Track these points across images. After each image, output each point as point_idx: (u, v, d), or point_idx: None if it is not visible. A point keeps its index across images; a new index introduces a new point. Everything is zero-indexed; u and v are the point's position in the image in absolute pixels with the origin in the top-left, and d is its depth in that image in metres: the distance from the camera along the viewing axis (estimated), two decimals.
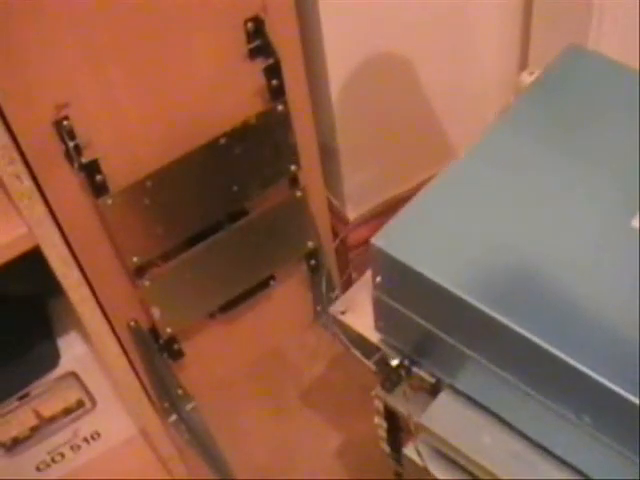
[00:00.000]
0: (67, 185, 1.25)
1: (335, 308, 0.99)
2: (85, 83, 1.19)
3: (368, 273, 0.90)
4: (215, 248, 1.45)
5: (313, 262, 1.62)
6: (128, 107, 1.23)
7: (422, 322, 0.83)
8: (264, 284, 1.59)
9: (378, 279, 0.84)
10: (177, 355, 1.58)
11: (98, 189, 1.24)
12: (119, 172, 1.26)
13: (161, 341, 1.52)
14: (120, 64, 1.19)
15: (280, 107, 1.34)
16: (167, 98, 1.26)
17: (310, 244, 1.58)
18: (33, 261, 1.08)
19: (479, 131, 0.90)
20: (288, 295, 1.68)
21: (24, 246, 1.03)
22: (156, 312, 1.46)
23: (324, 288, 1.64)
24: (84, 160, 1.21)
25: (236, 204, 1.43)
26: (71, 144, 1.19)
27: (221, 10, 1.24)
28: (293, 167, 1.44)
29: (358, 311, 0.97)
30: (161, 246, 1.38)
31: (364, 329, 0.95)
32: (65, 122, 1.18)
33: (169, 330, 1.50)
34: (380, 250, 0.80)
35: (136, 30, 1.18)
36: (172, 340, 1.54)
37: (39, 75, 1.12)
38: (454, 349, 0.82)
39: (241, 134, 1.32)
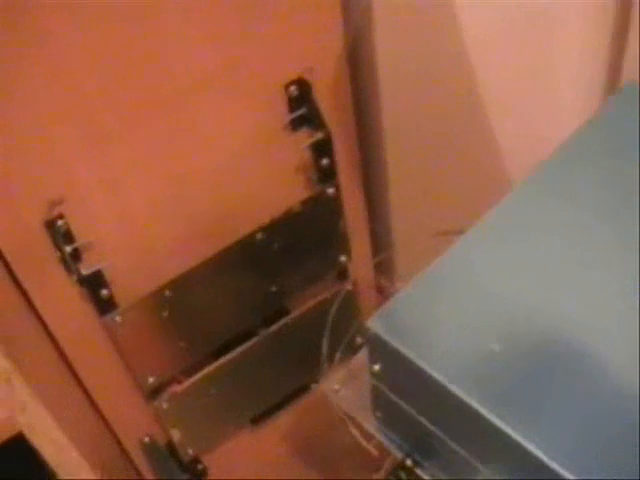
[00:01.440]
0: (64, 298, 0.98)
1: (329, 385, 0.89)
2: (83, 173, 0.92)
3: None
4: (247, 356, 1.18)
5: None
6: (138, 200, 0.97)
7: (422, 420, 0.75)
8: (305, 388, 1.32)
9: (376, 367, 0.76)
10: (201, 474, 1.31)
11: (103, 305, 0.98)
12: (129, 281, 1.00)
13: (182, 461, 1.24)
14: (126, 145, 0.93)
15: (331, 191, 1.07)
16: (187, 185, 1.00)
17: (359, 340, 1.30)
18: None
19: None
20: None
21: (4, 434, 0.76)
22: (176, 434, 1.19)
23: None
24: (85, 271, 0.93)
25: (274, 305, 1.15)
26: (68, 249, 0.92)
27: (256, 72, 0.97)
28: (343, 258, 1.17)
29: (357, 388, 0.87)
30: (182, 362, 1.11)
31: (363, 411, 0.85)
32: (59, 222, 0.91)
33: (191, 452, 1.23)
34: (375, 335, 0.72)
35: (148, 101, 0.91)
36: (195, 460, 1.27)
37: (24, 163, 0.87)
38: (458, 455, 0.73)
39: (282, 226, 1.05)
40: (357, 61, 1.09)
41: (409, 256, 1.35)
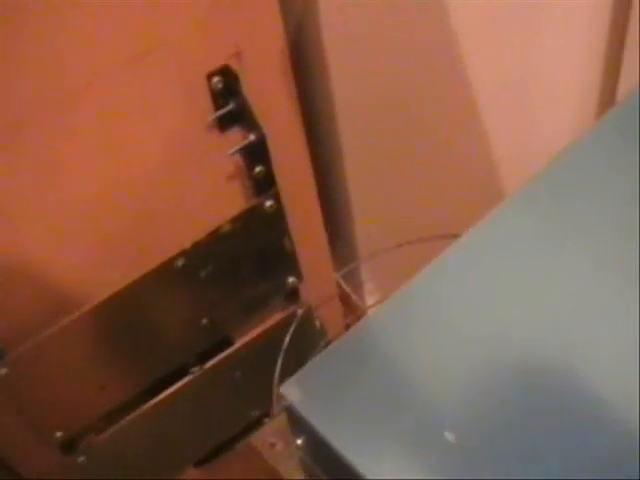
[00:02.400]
0: None
1: (264, 437, 0.71)
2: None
3: None
4: (181, 396, 0.99)
5: None
6: (31, 221, 0.77)
7: None
8: (256, 424, 1.13)
9: (298, 441, 0.64)
10: None
11: None
12: (17, 324, 0.79)
13: None
14: (16, 155, 0.73)
15: (269, 203, 0.87)
16: (93, 201, 0.80)
17: None
18: None
19: None
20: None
21: None
22: None
23: None
24: None
25: (208, 339, 0.96)
26: None
27: (170, 59, 0.76)
28: (291, 279, 0.97)
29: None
30: (96, 412, 0.92)
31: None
32: None
33: None
34: (291, 406, 0.60)
35: (40, 102, 0.71)
36: None
37: None
38: None
39: (209, 249, 0.86)
40: (302, 49, 0.89)
41: (376, 266, 1.17)
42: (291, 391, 0.61)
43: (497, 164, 1.05)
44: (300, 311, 1.04)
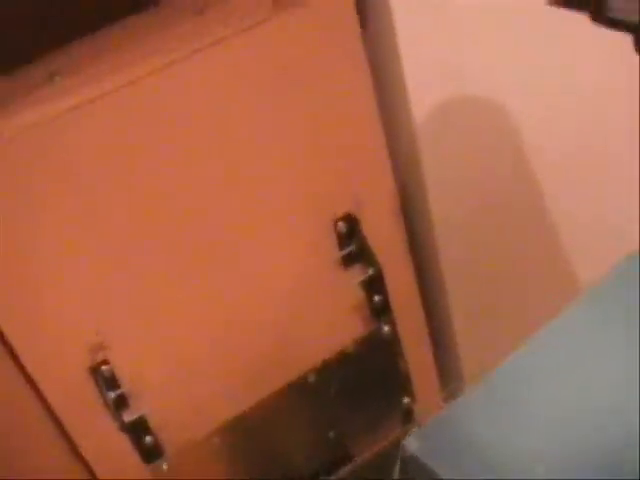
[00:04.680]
0: (111, 446, 0.94)
1: None
2: (128, 319, 0.90)
3: None
4: None
5: None
6: (185, 344, 0.94)
7: None
8: None
9: None
10: None
11: (148, 452, 0.93)
12: (176, 427, 0.95)
13: None
14: (171, 289, 0.91)
15: (386, 328, 1.02)
16: (236, 328, 0.97)
17: None
18: None
19: None
20: None
21: None
22: None
23: None
24: (127, 418, 0.90)
25: (334, 452, 1.09)
26: (112, 395, 0.89)
27: (304, 209, 0.95)
28: (406, 400, 1.10)
29: None
30: None
31: None
32: (104, 367, 0.88)
33: None
34: (411, 456, 0.68)
35: (195, 244, 0.90)
36: None
37: (63, 306, 0.86)
38: None
39: (336, 368, 1.00)
40: (407, 193, 1.07)
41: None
42: (410, 442, 0.70)
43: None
44: (414, 430, 1.15)
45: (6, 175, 0.78)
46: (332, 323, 1.03)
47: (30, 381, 0.87)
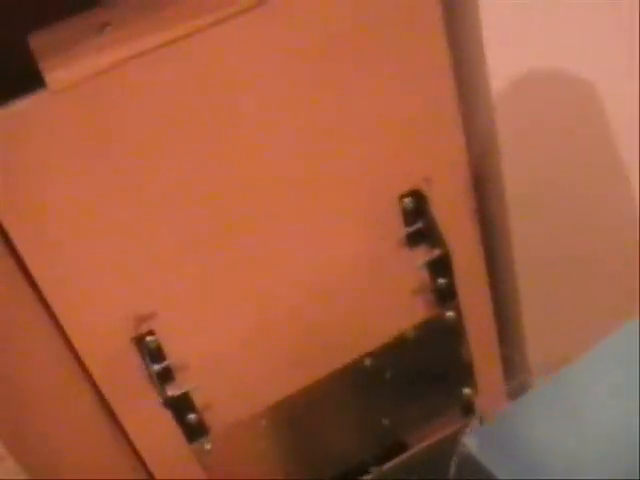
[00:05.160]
0: (155, 421, 0.90)
1: None
2: (177, 288, 0.85)
3: None
4: None
5: None
6: (235, 318, 0.88)
7: None
8: None
9: None
10: None
11: (191, 430, 0.89)
12: (221, 406, 0.91)
13: None
14: (224, 262, 0.86)
15: (450, 314, 0.96)
16: (291, 305, 0.91)
17: None
18: None
19: None
20: None
21: None
22: None
23: None
24: (171, 393, 0.86)
25: (386, 440, 1.03)
26: (156, 368, 0.85)
27: (367, 182, 0.88)
28: (467, 391, 1.04)
29: None
30: None
31: None
32: (149, 338, 0.83)
33: None
34: (470, 455, 0.69)
35: (251, 219, 0.85)
36: None
37: (114, 275, 0.83)
38: None
39: (394, 353, 0.95)
40: (480, 172, 0.99)
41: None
42: (470, 441, 0.70)
43: None
44: (475, 423, 1.09)
45: (54, 128, 0.73)
46: (392, 305, 0.97)
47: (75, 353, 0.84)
